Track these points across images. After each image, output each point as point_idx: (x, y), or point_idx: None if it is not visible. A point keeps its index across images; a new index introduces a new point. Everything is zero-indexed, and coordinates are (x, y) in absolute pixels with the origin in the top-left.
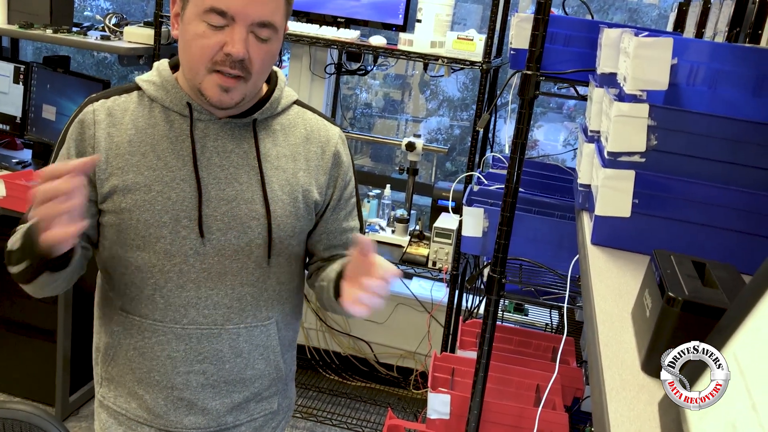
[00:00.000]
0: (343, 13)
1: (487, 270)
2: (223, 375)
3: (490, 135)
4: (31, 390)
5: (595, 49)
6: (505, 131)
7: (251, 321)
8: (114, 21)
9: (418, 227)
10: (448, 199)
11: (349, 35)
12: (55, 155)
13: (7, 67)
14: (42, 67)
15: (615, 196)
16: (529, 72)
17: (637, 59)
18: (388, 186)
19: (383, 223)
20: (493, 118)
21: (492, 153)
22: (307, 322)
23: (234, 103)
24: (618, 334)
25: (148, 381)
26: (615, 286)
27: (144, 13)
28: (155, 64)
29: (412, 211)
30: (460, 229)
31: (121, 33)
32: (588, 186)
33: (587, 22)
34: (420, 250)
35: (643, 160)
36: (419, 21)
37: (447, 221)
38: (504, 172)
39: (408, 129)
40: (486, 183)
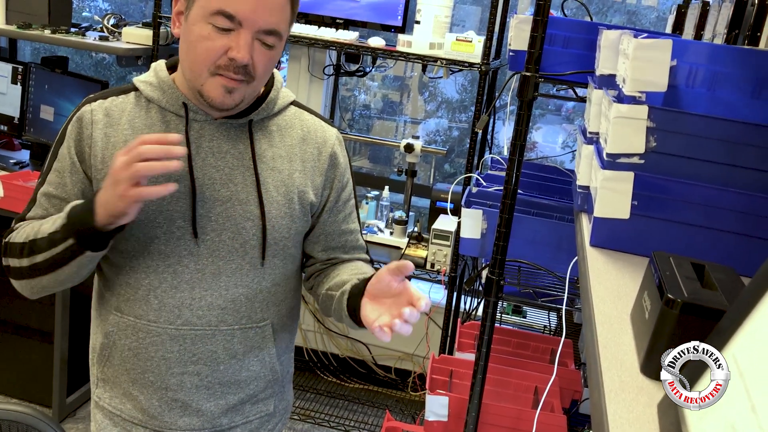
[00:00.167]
0: (341, 15)
1: (485, 272)
2: (217, 376)
3: (489, 137)
4: (28, 391)
5: (594, 51)
6: (503, 133)
7: (246, 322)
8: (112, 22)
9: (416, 229)
10: (447, 201)
11: (348, 36)
12: (53, 154)
13: (5, 68)
14: (40, 67)
15: (614, 197)
16: (527, 73)
17: (636, 61)
18: (387, 187)
19: (381, 224)
20: (491, 119)
21: (491, 155)
22: (304, 323)
23: (235, 104)
24: (617, 336)
25: (143, 382)
26: (614, 288)
27: (142, 14)
28: (153, 65)
29: (411, 213)
30: (458, 230)
31: (120, 34)
32: (587, 188)
33: (586, 24)
34: (418, 252)
35: (642, 161)
36: (418, 22)
37: (445, 223)
38: (503, 173)
39: (407, 130)
40: (485, 185)
